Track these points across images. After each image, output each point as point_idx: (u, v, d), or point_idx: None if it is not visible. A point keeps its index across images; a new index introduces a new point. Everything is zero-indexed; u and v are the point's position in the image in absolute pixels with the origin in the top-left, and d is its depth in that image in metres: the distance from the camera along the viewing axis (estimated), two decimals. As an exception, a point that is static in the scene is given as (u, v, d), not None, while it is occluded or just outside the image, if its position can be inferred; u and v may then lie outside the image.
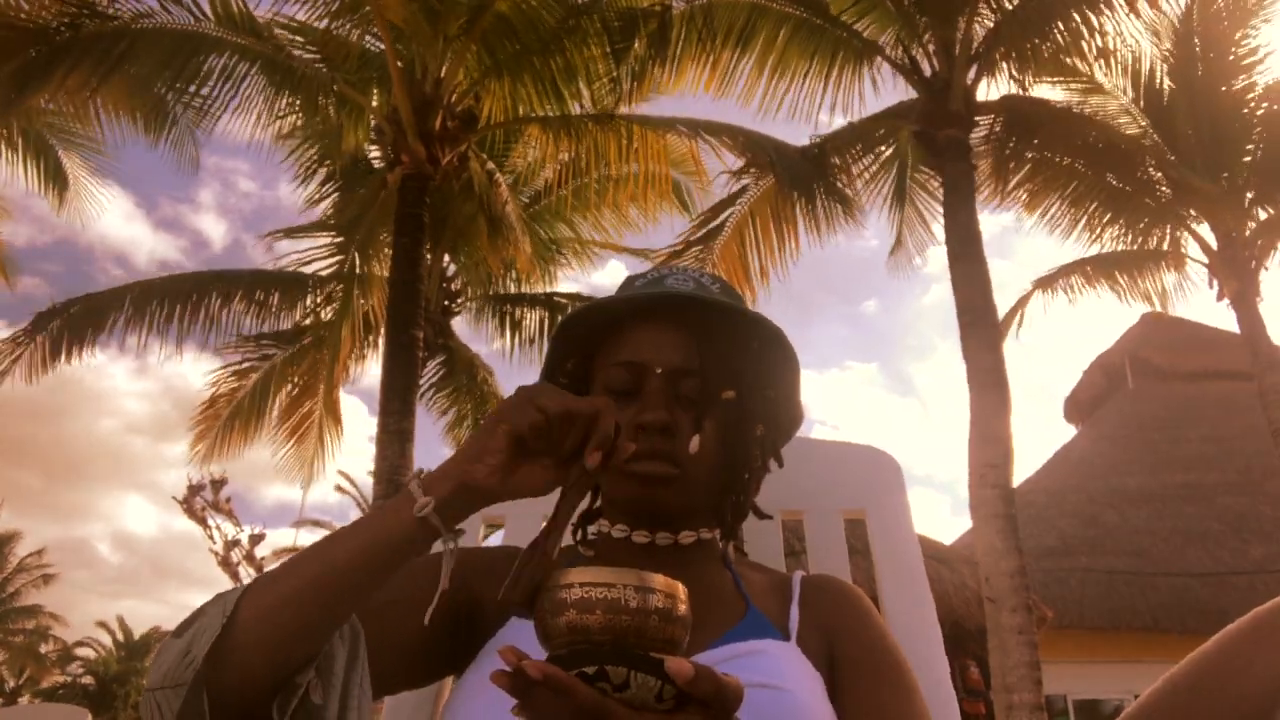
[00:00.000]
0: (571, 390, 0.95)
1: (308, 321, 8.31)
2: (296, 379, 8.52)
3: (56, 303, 7.44)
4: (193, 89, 6.16)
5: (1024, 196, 8.12)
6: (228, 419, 8.65)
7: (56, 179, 8.23)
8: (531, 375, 9.86)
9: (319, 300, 8.08)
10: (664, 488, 0.87)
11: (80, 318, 7.39)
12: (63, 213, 8.36)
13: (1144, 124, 8.20)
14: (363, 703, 0.76)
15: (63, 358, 7.36)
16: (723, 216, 7.54)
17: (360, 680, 0.77)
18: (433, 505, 0.70)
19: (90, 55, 5.61)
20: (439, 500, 0.70)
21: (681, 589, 0.61)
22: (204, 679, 0.67)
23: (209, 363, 8.47)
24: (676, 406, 0.89)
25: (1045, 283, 9.01)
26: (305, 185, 8.06)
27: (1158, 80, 8.10)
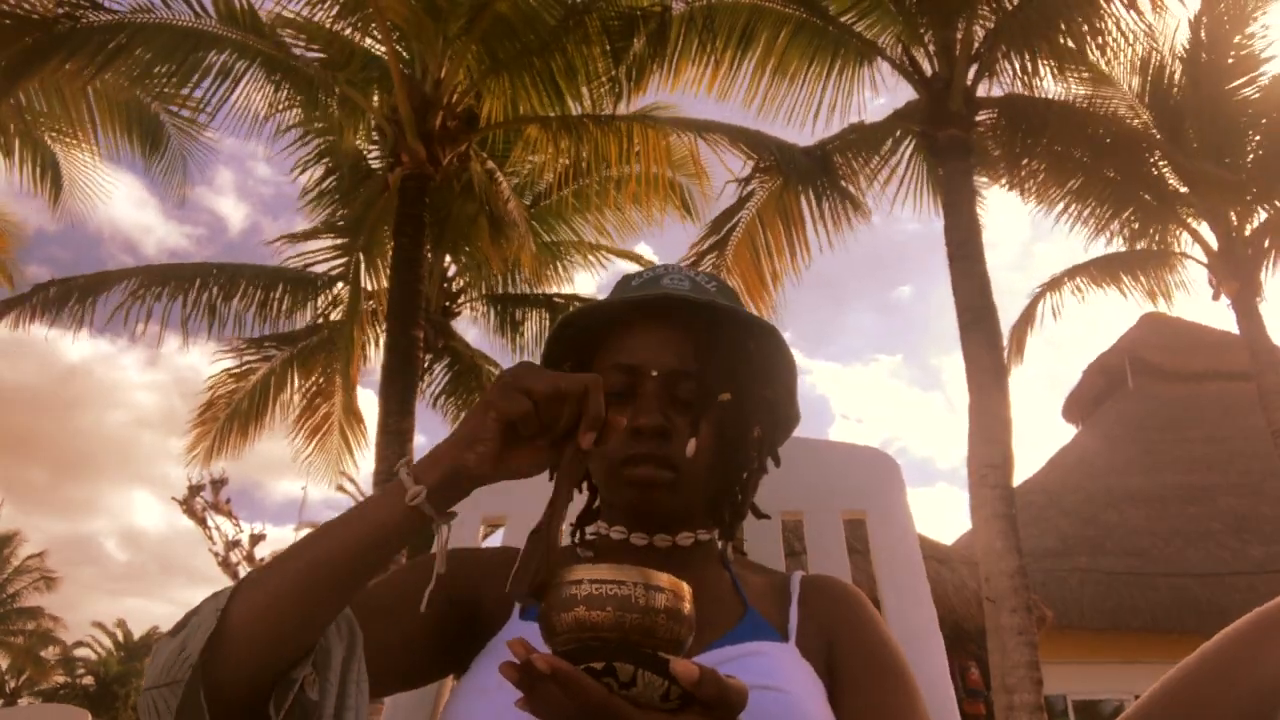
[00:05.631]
0: None
1: (318, 321, 8.30)
2: (309, 381, 8.49)
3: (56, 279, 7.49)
4: (193, 80, 6.12)
5: (1032, 189, 8.11)
6: (226, 419, 8.62)
7: (53, 176, 8.17)
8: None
9: (328, 302, 8.07)
10: (661, 492, 0.87)
11: (73, 290, 7.39)
12: (56, 210, 8.33)
13: (1147, 119, 8.18)
14: (360, 701, 0.76)
15: (39, 321, 7.35)
16: (731, 223, 7.51)
17: (358, 678, 0.77)
18: (425, 494, 0.69)
19: (88, 46, 5.59)
20: (430, 487, 0.70)
21: (687, 589, 0.61)
22: (200, 675, 0.67)
23: (217, 355, 8.41)
24: (672, 409, 0.88)
25: (1051, 286, 9.02)
26: (306, 184, 8.07)
27: (1162, 77, 8.09)
